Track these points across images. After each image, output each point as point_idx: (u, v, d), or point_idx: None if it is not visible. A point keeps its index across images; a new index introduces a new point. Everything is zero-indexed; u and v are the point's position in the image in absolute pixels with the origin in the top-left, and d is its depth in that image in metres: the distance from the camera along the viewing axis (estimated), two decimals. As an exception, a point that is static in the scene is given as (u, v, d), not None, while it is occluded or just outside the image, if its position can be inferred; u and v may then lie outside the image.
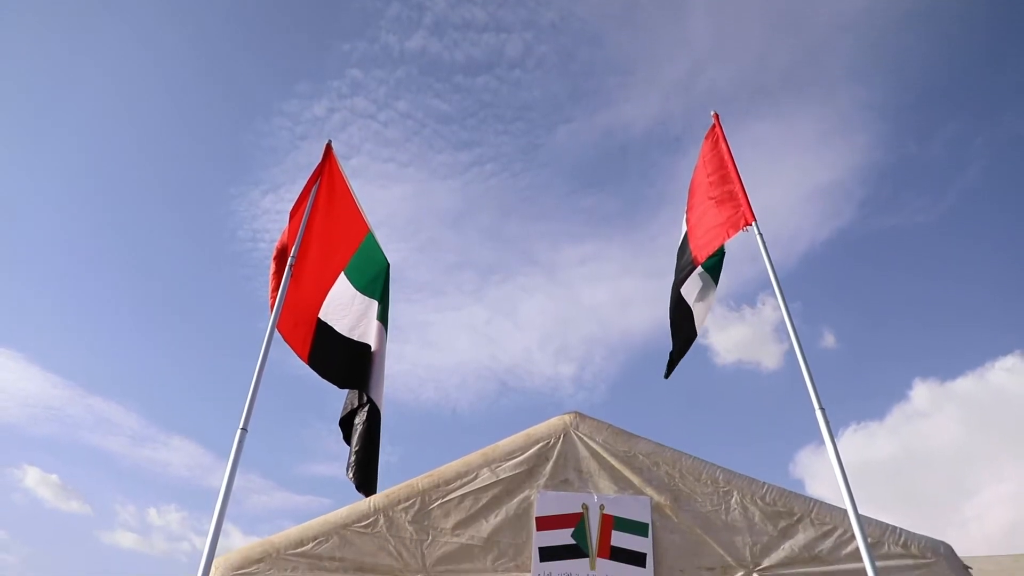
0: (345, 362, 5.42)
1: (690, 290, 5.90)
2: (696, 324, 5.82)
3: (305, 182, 5.53)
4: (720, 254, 6.10)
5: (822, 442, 3.94)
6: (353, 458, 5.09)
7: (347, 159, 7.72)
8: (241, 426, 4.01)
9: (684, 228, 6.24)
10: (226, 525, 4.02)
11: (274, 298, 4.83)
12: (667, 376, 5.98)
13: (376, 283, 5.91)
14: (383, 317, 5.77)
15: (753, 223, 5.04)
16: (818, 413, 4.11)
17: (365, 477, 5.11)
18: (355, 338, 5.55)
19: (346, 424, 5.38)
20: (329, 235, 5.60)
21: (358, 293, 5.74)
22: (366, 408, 5.31)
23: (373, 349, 5.51)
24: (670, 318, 6.15)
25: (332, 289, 5.56)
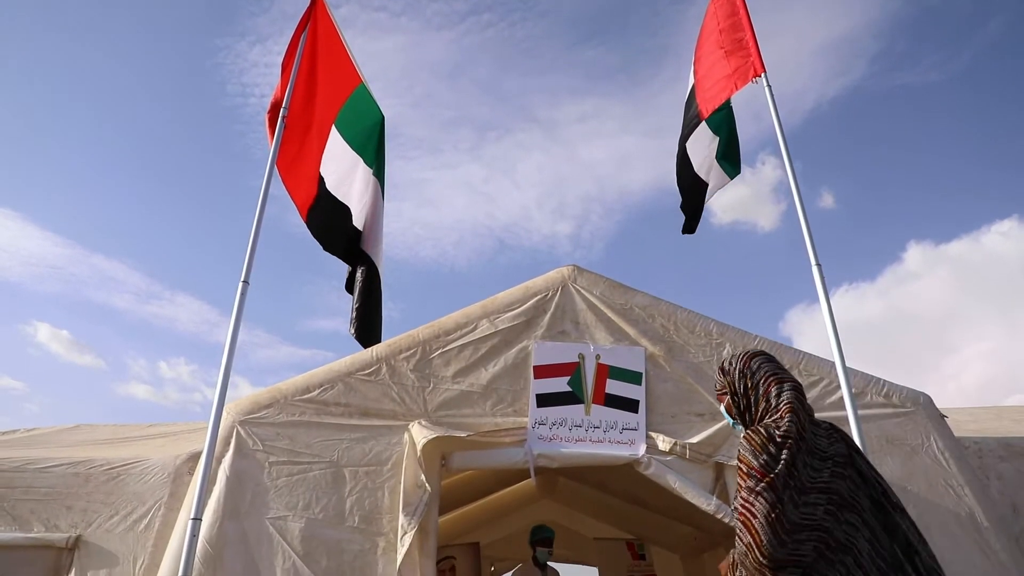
0: (328, 221, 5.36)
1: (696, 145, 5.78)
2: (703, 176, 5.73)
3: (293, 32, 5.25)
4: (726, 108, 5.92)
5: (811, 302, 4.02)
6: (354, 314, 5.19)
7: (336, 7, 7.29)
8: (242, 279, 4.04)
9: (691, 81, 6.01)
10: (235, 377, 4.18)
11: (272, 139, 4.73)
12: (691, 231, 5.96)
13: (370, 138, 5.73)
14: (380, 173, 5.66)
15: (763, 75, 4.85)
16: (814, 269, 4.15)
17: (367, 332, 5.22)
18: (339, 197, 5.45)
19: (352, 284, 5.43)
20: (321, 87, 5.38)
21: (348, 148, 5.57)
22: (364, 265, 5.34)
23: (353, 212, 5.42)
24: (677, 174, 6.07)
25: (327, 143, 5.41)
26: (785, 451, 2.08)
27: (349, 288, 5.39)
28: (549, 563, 6.44)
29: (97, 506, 4.75)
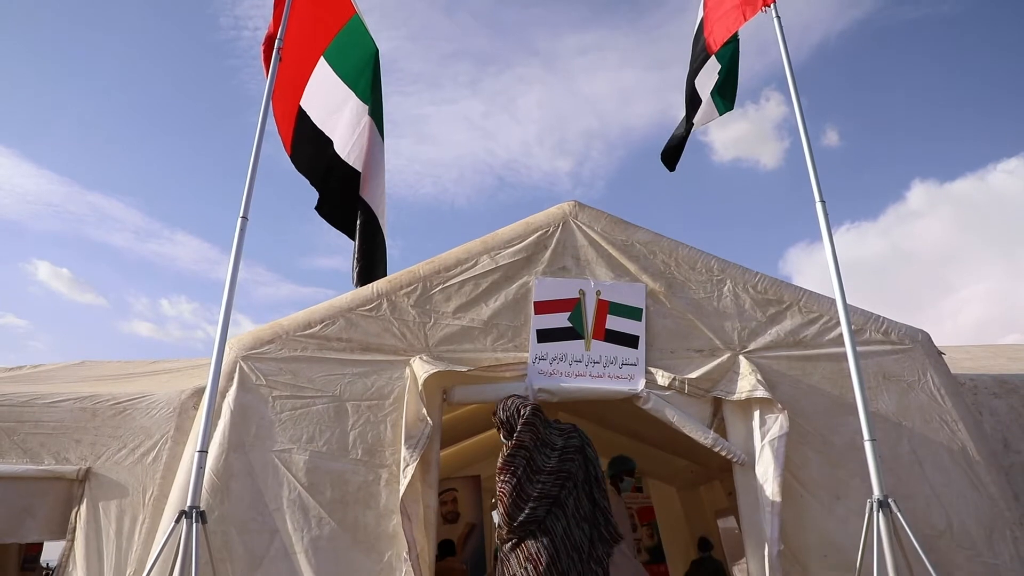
0: (315, 155, 5.24)
1: (704, 81, 5.65)
2: (702, 116, 5.62)
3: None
4: (734, 41, 5.77)
5: (811, 241, 4.02)
6: (356, 262, 5.14)
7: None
8: (241, 215, 4.01)
9: (700, 13, 5.84)
10: (236, 315, 4.18)
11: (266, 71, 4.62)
12: (672, 168, 5.89)
13: (363, 72, 5.56)
14: (376, 113, 5.52)
15: (772, 4, 4.71)
16: (818, 206, 4.11)
17: (369, 275, 5.19)
18: (324, 131, 5.32)
19: (323, 210, 5.32)
20: (314, 18, 5.22)
21: (340, 81, 5.41)
22: (362, 210, 5.25)
23: (336, 144, 5.30)
24: (686, 113, 5.95)
25: (313, 75, 5.25)
26: (522, 450, 3.57)
27: (320, 212, 5.27)
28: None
29: (105, 439, 4.84)
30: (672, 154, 5.98)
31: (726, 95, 5.83)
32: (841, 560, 3.76)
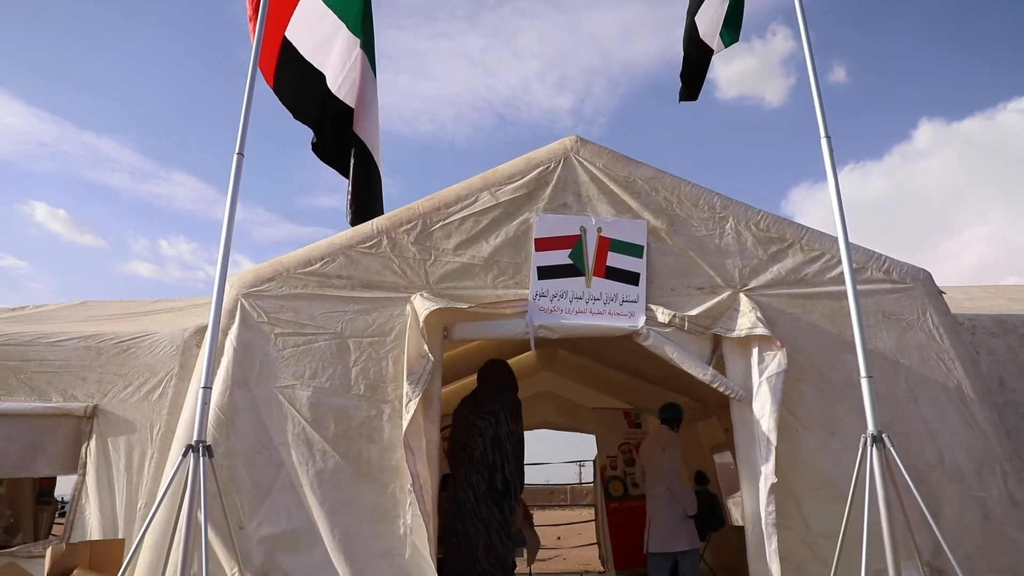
0: (304, 89, 5.09)
1: (706, 10, 5.47)
2: (708, 42, 5.43)
3: None
4: None
5: (814, 182, 3.99)
6: (350, 200, 5.05)
7: None
8: (237, 151, 3.94)
9: None
10: (236, 256, 4.17)
11: (254, 22, 4.46)
12: (693, 98, 5.71)
13: (353, 2, 5.33)
14: (368, 47, 5.34)
15: (782, -69, 4.53)
16: (823, 141, 4.04)
17: (364, 216, 5.11)
18: (314, 64, 5.15)
19: (318, 150, 5.21)
20: None
21: (328, 11, 5.20)
22: (357, 147, 5.12)
23: (329, 79, 5.14)
24: (684, 48, 5.78)
25: (299, 5, 5.05)
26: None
27: (316, 152, 5.17)
28: None
29: (111, 377, 4.90)
30: (692, 82, 5.76)
31: (731, 24, 5.64)
32: (834, 493, 3.84)
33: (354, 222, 4.88)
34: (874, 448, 3.30)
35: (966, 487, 4.06)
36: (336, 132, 5.17)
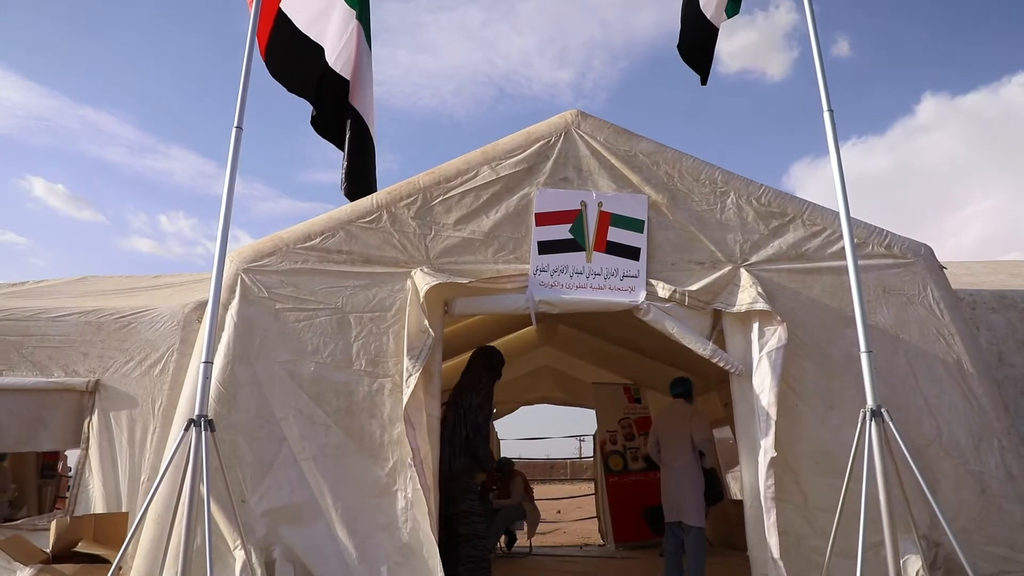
0: (300, 62, 5.01)
1: None
2: (709, 16, 5.32)
3: None
4: None
5: (816, 156, 3.93)
6: (344, 171, 5.00)
7: None
8: (235, 124, 3.91)
9: None
10: (236, 231, 4.16)
11: None
12: (703, 81, 5.58)
13: None
14: (363, 17, 5.26)
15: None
16: (826, 115, 3.99)
17: (361, 190, 5.06)
18: (311, 37, 5.07)
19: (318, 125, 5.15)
20: None
21: None
22: (352, 118, 5.06)
23: (327, 51, 5.06)
24: (682, 21, 5.67)
25: None
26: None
27: (316, 128, 5.12)
28: None
29: (112, 352, 4.91)
30: (699, 62, 5.62)
31: None
32: (832, 467, 3.87)
33: (349, 194, 4.86)
34: (873, 422, 3.31)
35: (963, 461, 4.08)
36: (333, 105, 5.12)
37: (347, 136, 5.00)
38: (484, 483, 6.59)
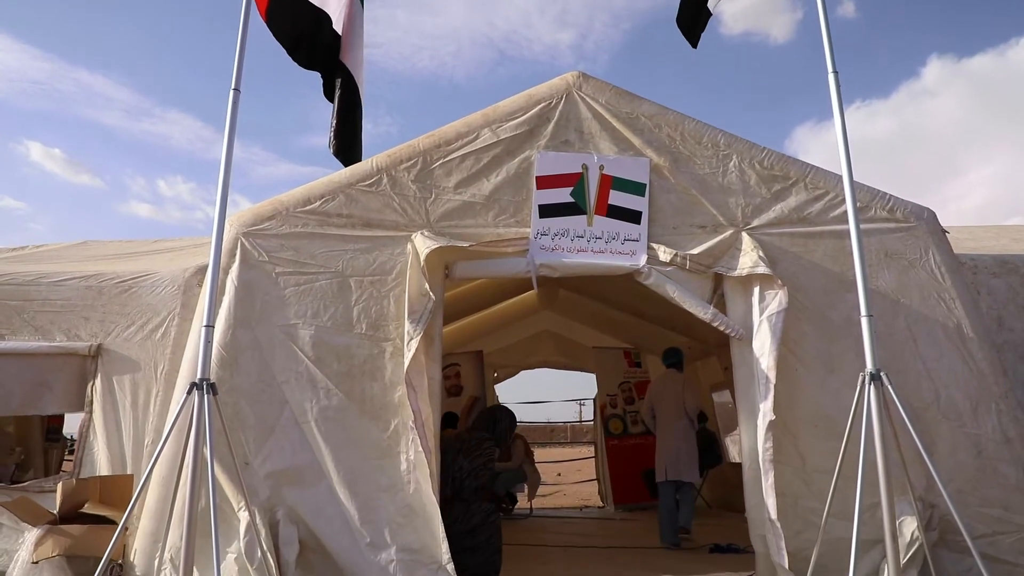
0: (298, 22, 4.93)
1: None
2: None
3: None
4: None
5: (819, 120, 3.88)
6: (333, 130, 4.92)
7: None
8: (233, 86, 3.86)
9: None
10: (235, 196, 4.15)
11: None
12: (693, 44, 5.46)
13: None
14: None
15: None
16: (831, 77, 3.94)
17: (349, 150, 5.00)
18: (314, 2, 4.98)
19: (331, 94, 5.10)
20: None
21: None
22: (340, 76, 4.98)
23: (334, 18, 4.98)
24: None
25: None
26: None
27: (329, 97, 5.08)
28: None
29: (114, 317, 4.91)
30: (692, 27, 5.51)
31: None
32: (830, 430, 3.89)
33: (337, 153, 4.81)
34: (872, 386, 3.33)
35: (960, 424, 4.11)
36: (328, 63, 5.05)
37: (337, 94, 4.93)
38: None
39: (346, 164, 4.75)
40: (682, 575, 5.00)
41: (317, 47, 4.94)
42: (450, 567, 3.81)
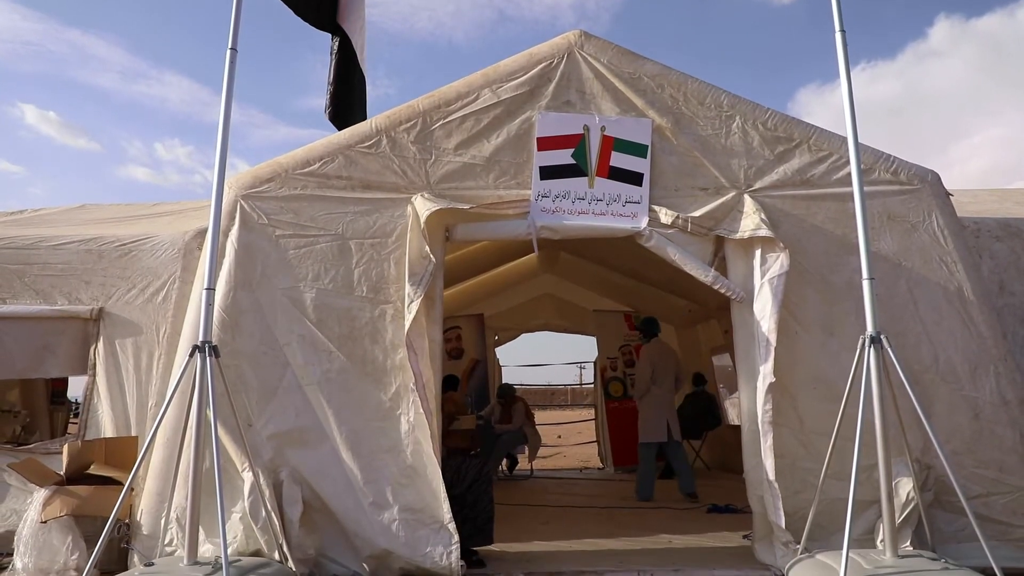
0: None
1: None
2: None
3: None
4: None
5: (822, 83, 3.83)
6: (328, 96, 4.87)
7: None
8: (230, 46, 3.80)
9: None
10: (234, 159, 4.11)
11: None
12: None
13: None
14: None
15: None
16: (837, 36, 3.87)
17: (345, 111, 4.93)
18: None
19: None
20: None
21: None
22: (338, 38, 4.91)
23: None
24: None
25: None
26: None
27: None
28: None
29: (114, 280, 4.92)
30: None
31: None
32: (829, 392, 3.91)
33: (333, 119, 4.75)
34: (872, 349, 3.34)
35: (959, 387, 4.13)
36: (331, 24, 4.98)
37: (334, 57, 4.86)
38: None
39: (340, 128, 4.68)
40: (680, 534, 5.07)
41: (323, 6, 4.87)
42: (451, 526, 3.87)
